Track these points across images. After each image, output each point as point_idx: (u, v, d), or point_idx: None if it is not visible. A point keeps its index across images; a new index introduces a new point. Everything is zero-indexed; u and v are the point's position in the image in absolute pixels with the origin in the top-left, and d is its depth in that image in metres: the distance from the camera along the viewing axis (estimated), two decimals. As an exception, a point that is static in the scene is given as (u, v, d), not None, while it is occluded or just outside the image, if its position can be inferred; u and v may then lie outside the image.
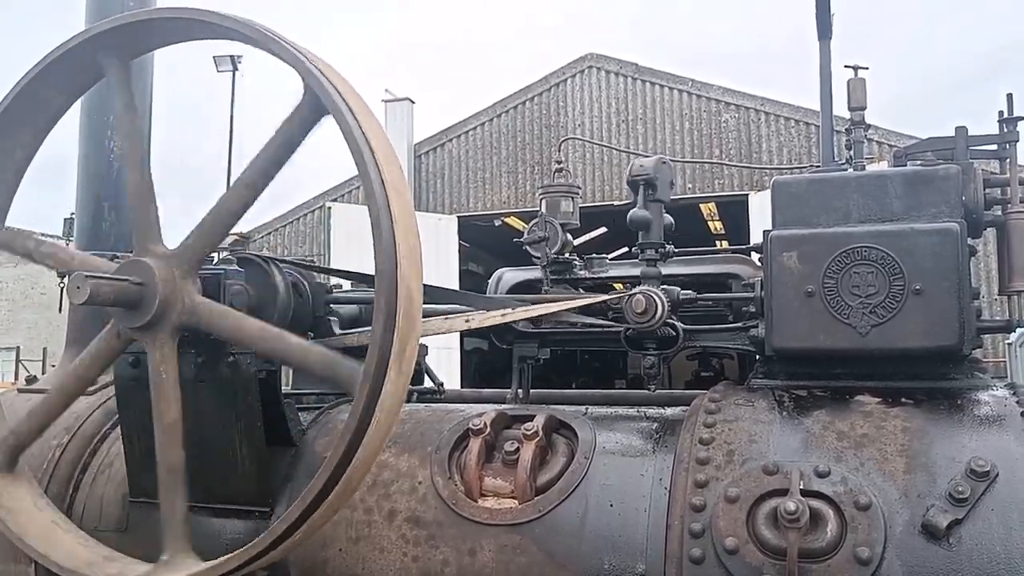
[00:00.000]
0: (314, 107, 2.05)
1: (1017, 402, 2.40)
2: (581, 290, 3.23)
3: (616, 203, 21.24)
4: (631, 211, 2.89)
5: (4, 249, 2.55)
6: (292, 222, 25.67)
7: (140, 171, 2.34)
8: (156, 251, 2.29)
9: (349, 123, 1.97)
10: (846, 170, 3.15)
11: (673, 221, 2.99)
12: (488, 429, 2.55)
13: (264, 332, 2.19)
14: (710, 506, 2.24)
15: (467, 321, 2.95)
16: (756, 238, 2.74)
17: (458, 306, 3.18)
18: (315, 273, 3.19)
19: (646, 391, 3.15)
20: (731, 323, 2.93)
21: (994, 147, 2.76)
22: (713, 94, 22.54)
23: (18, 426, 2.52)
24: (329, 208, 23.82)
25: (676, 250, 3.01)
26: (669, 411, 2.77)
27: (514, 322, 3.03)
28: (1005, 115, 2.74)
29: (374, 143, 1.98)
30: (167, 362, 2.27)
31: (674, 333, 2.86)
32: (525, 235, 3.18)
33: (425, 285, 2.11)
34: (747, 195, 21.00)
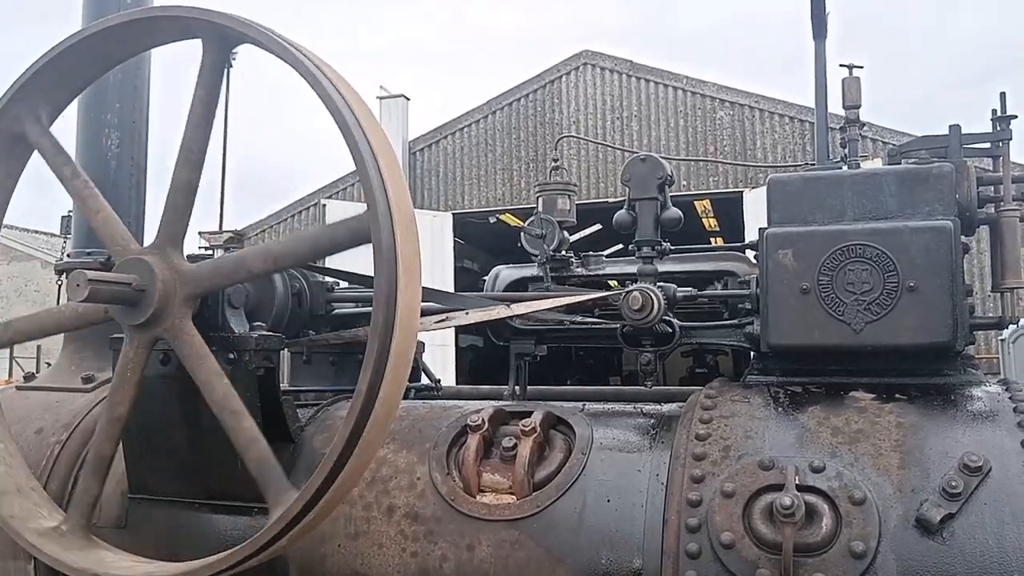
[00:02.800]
0: (361, 231, 2.03)
1: (1010, 398, 2.42)
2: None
3: (611, 200, 21.25)
4: (667, 212, 2.91)
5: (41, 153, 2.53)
6: (287, 219, 25.61)
7: (193, 170, 2.32)
8: (171, 258, 2.29)
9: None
10: (841, 168, 3.17)
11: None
12: (486, 425, 2.56)
13: (225, 400, 2.19)
14: (706, 501, 2.26)
15: (459, 317, 2.98)
16: (751, 235, 2.76)
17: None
18: (316, 272, 3.20)
19: (642, 387, 3.17)
20: (727, 320, 2.96)
21: (987, 145, 2.78)
22: (708, 91, 22.55)
23: None
24: (324, 205, 23.81)
25: (672, 247, 3.03)
26: (665, 407, 2.79)
27: (510, 319, 3.05)
28: (998, 113, 2.76)
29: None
30: (136, 363, 2.32)
31: (670, 330, 2.88)
32: (523, 233, 3.20)
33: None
34: (741, 192, 21.03)
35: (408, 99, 25.21)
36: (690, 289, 2.97)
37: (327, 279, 3.26)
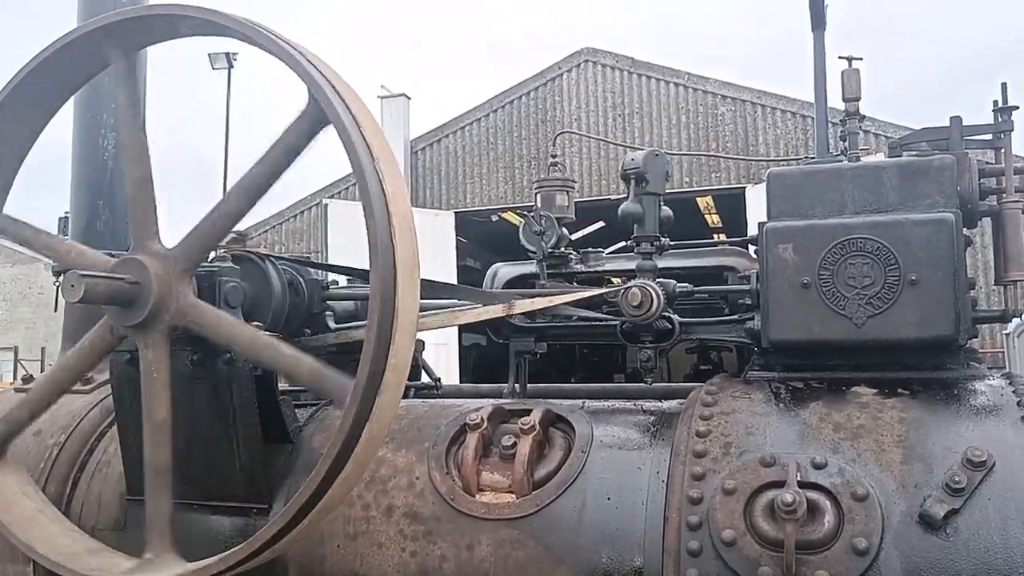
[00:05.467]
0: (317, 118, 2.05)
1: (1014, 392, 2.40)
2: (576, 284, 3.22)
3: (613, 197, 21.19)
4: (622, 204, 2.90)
5: (2, 235, 2.55)
6: (289, 219, 25.61)
7: (140, 166, 2.33)
8: (153, 249, 2.29)
9: (351, 133, 1.98)
10: (841, 161, 3.15)
11: (672, 214, 2.99)
12: (485, 424, 2.55)
13: (256, 339, 2.19)
14: (707, 499, 2.24)
15: (456, 316, 2.96)
16: (753, 231, 2.74)
17: (455, 300, 3.18)
18: (311, 269, 3.18)
19: (643, 384, 3.15)
20: (727, 316, 2.93)
21: (989, 137, 2.75)
22: (709, 87, 22.50)
23: (7, 416, 2.52)
24: (326, 205, 23.78)
25: (672, 243, 3.01)
26: (666, 404, 2.77)
27: (509, 316, 3.03)
28: (999, 104, 2.73)
29: (376, 152, 1.98)
30: (158, 362, 2.28)
31: (670, 326, 2.86)
32: (521, 229, 3.18)
33: (422, 280, 2.11)
34: (744, 188, 20.97)
35: (409, 98, 25.19)
36: (686, 285, 2.94)
37: (323, 277, 3.25)
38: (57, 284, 3.39)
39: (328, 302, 3.19)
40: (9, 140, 2.52)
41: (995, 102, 2.74)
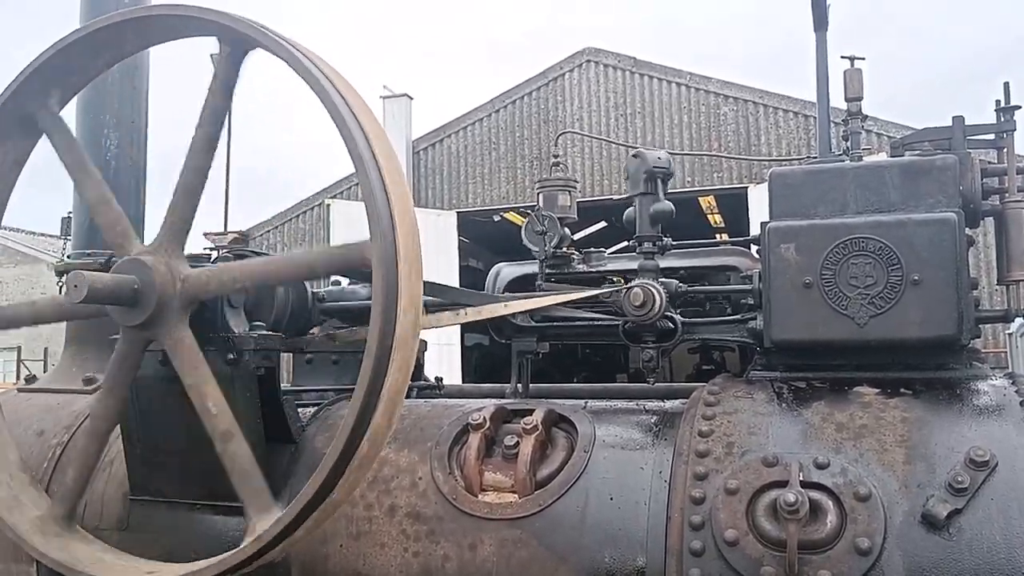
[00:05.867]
0: (363, 256, 2.03)
1: (1016, 392, 2.40)
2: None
3: (615, 197, 21.19)
4: (657, 204, 2.86)
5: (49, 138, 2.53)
6: (291, 219, 25.62)
7: (202, 163, 2.30)
8: (171, 260, 2.27)
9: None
10: (843, 161, 3.15)
11: (673, 207, 2.97)
12: (488, 424, 2.55)
13: (214, 408, 2.18)
14: (710, 498, 2.24)
15: (457, 315, 2.96)
16: (756, 231, 2.74)
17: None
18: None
19: (645, 384, 3.15)
20: (730, 315, 2.93)
21: (991, 136, 2.75)
22: (711, 87, 22.48)
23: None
24: (329, 205, 23.82)
25: (674, 243, 3.01)
26: (668, 404, 2.77)
27: (511, 316, 3.03)
28: (1002, 104, 2.73)
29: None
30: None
31: (672, 326, 2.86)
32: (523, 230, 3.18)
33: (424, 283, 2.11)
34: (746, 188, 20.96)
35: (411, 98, 25.20)
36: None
37: (321, 289, 3.26)
38: (60, 284, 3.40)
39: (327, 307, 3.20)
40: (85, 69, 2.52)
41: (997, 101, 2.74)
